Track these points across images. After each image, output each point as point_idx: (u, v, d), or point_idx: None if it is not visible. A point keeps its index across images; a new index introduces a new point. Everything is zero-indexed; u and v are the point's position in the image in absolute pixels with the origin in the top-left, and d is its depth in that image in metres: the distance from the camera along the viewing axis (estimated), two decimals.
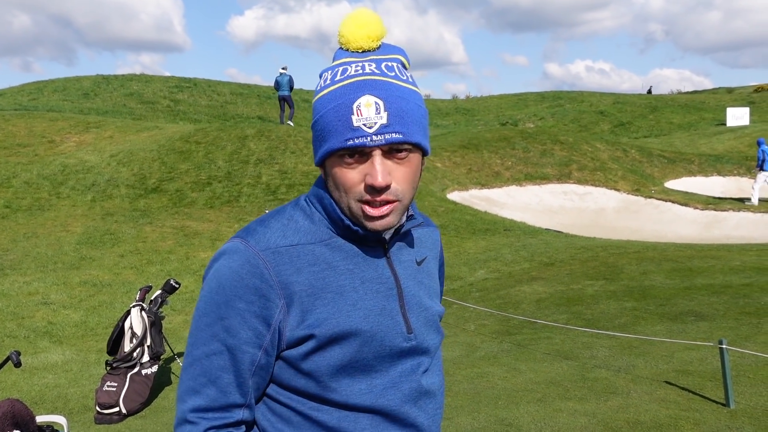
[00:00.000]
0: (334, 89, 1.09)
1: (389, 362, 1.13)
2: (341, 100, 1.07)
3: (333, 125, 1.07)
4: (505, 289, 8.71)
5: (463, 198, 16.68)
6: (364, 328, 1.10)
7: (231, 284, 1.08)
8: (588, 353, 5.76)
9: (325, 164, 1.12)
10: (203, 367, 1.09)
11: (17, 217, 13.28)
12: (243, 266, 1.07)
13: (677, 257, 9.29)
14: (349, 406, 1.10)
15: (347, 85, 1.08)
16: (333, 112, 1.07)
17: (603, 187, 18.08)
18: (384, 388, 1.12)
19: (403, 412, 1.14)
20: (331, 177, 1.11)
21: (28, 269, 10.29)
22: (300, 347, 1.09)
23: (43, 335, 7.91)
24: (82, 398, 5.96)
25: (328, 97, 1.09)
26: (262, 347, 1.08)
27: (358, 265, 1.14)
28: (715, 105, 33.40)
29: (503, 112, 37.10)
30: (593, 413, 4.31)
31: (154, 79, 35.67)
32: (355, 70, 1.09)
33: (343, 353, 1.09)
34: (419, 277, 1.22)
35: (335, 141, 1.07)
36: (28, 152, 17.75)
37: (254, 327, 1.07)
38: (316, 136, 1.12)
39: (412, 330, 1.16)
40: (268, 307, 1.07)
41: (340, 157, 1.08)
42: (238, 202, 14.52)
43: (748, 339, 5.61)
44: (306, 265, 1.10)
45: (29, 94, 30.21)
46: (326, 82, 1.11)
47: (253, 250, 1.09)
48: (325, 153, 1.09)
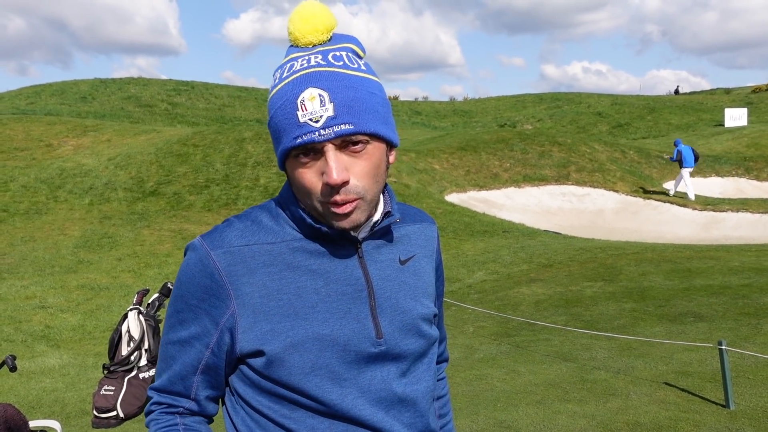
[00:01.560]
0: (280, 87, 1.04)
1: (357, 368, 1.07)
2: (286, 97, 1.02)
3: (282, 125, 1.02)
4: (503, 291, 8.70)
5: (462, 200, 16.67)
6: (324, 331, 1.05)
7: (186, 280, 1.09)
8: (587, 355, 5.74)
9: (286, 166, 1.07)
10: (163, 353, 1.14)
11: (15, 220, 13.25)
12: (196, 264, 1.08)
13: (676, 258, 9.28)
14: (323, 413, 1.06)
15: (292, 81, 1.02)
16: (281, 111, 1.02)
17: (601, 189, 18.08)
18: (354, 396, 1.06)
19: (376, 421, 1.07)
20: (292, 179, 1.06)
21: (26, 273, 10.26)
22: (255, 359, 1.06)
23: (41, 339, 7.88)
24: (80, 402, 5.93)
25: (276, 96, 1.05)
26: (209, 346, 1.08)
27: (324, 266, 1.08)
28: (713, 106, 33.46)
29: (501, 114, 37.14)
30: (593, 415, 4.29)
31: (151, 82, 35.66)
32: (301, 65, 1.03)
33: (302, 360, 1.04)
34: (401, 278, 1.15)
35: (286, 140, 1.02)
36: (25, 156, 17.73)
37: (203, 324, 1.07)
38: (272, 138, 1.08)
39: (382, 335, 1.08)
40: (217, 306, 1.06)
41: (296, 157, 1.03)
42: (236, 204, 14.50)
43: (748, 340, 5.59)
44: (260, 265, 1.06)
45: (27, 97, 30.20)
46: (275, 81, 1.06)
47: (205, 250, 1.07)
48: (281, 155, 1.04)
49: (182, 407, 1.14)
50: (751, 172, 19.80)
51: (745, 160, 20.52)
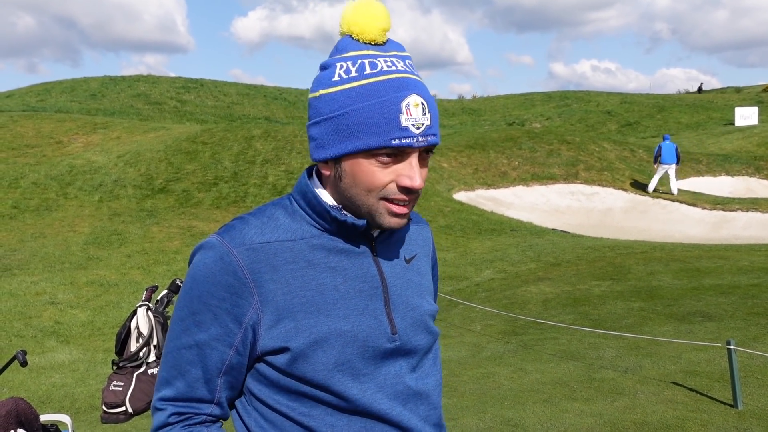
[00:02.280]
0: (369, 83, 1.03)
1: (374, 364, 1.09)
2: (386, 97, 1.02)
3: (375, 122, 1.02)
4: (511, 290, 8.69)
5: (470, 198, 16.65)
6: (345, 328, 1.07)
7: (204, 280, 1.05)
8: (595, 354, 5.73)
9: (341, 160, 1.06)
10: (175, 359, 1.08)
11: (25, 217, 13.34)
12: (216, 262, 1.05)
13: (685, 257, 9.24)
14: (343, 408, 1.07)
15: (388, 81, 1.03)
16: (376, 108, 1.02)
17: (610, 187, 18.01)
18: (373, 391, 1.08)
19: (394, 414, 1.10)
20: (352, 174, 1.06)
21: (36, 269, 10.33)
22: (279, 356, 1.06)
23: (50, 335, 7.94)
24: (89, 397, 5.98)
25: (362, 91, 1.03)
26: (233, 346, 1.06)
27: (342, 263, 1.10)
28: (723, 104, 33.24)
29: (510, 112, 37.05)
30: (600, 414, 4.29)
31: (161, 80, 35.80)
32: (387, 66, 1.05)
33: (326, 356, 1.05)
34: (408, 276, 1.18)
35: (376, 139, 1.02)
36: (35, 153, 17.85)
37: (225, 324, 1.05)
38: (337, 129, 1.04)
39: (396, 330, 1.12)
40: (240, 305, 1.04)
41: (374, 155, 1.03)
42: (245, 202, 14.54)
43: (757, 340, 5.57)
44: (283, 262, 1.06)
45: (37, 95, 30.39)
46: (349, 75, 1.05)
47: (226, 247, 1.06)
48: (359, 149, 1.03)
49: (205, 414, 1.09)
50: (762, 172, 19.66)
51: (756, 159, 20.38)
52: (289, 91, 38.88)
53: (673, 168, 17.19)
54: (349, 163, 1.05)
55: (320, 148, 1.08)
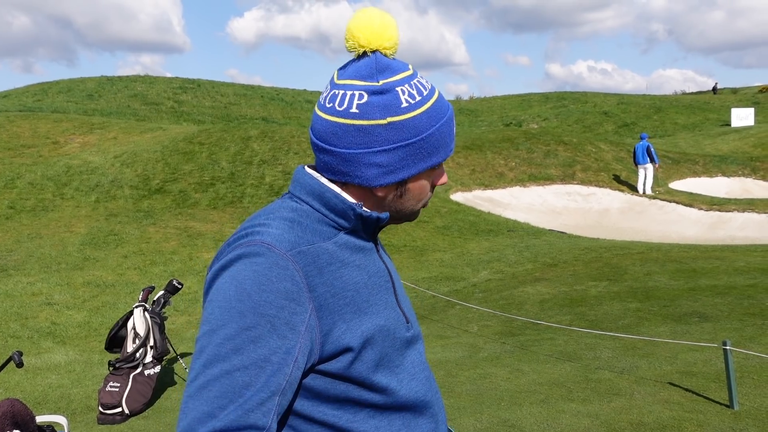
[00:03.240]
0: (432, 106, 1.11)
1: (402, 354, 1.13)
2: (447, 115, 1.12)
3: (445, 139, 1.12)
4: (508, 290, 8.70)
5: (467, 199, 16.66)
6: (381, 323, 1.09)
7: (257, 289, 0.97)
8: (591, 354, 5.74)
9: (408, 181, 1.13)
10: (223, 387, 0.93)
11: (21, 217, 13.31)
12: (271, 269, 0.98)
13: (681, 258, 9.26)
14: (387, 405, 1.09)
15: (440, 100, 1.12)
16: (446, 126, 1.12)
17: (607, 188, 18.04)
18: (408, 380, 1.13)
19: (428, 401, 1.15)
20: (416, 190, 1.14)
21: (32, 270, 10.31)
22: (337, 360, 1.03)
23: (47, 336, 7.92)
24: (85, 398, 5.96)
25: (432, 115, 1.10)
26: (294, 358, 0.97)
27: (362, 261, 1.12)
28: (719, 105, 33.32)
29: (507, 113, 37.08)
30: (596, 414, 4.29)
31: (157, 80, 35.76)
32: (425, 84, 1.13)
33: (374, 353, 1.07)
34: (394, 269, 1.25)
35: (444, 152, 1.13)
36: (32, 153, 17.81)
37: (284, 335, 0.97)
38: (417, 152, 1.09)
39: (408, 319, 1.18)
40: (298, 312, 0.98)
41: (434, 168, 1.14)
42: (242, 202, 14.53)
43: (753, 340, 5.58)
44: (325, 264, 1.04)
45: (34, 95, 30.32)
46: (414, 99, 1.09)
47: (279, 251, 1.00)
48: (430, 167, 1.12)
49: None
50: (758, 172, 19.70)
51: (752, 160, 20.43)
52: (287, 91, 38.86)
53: (650, 168, 17.34)
54: (414, 181, 1.13)
55: (390, 173, 1.09)
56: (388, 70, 1.08)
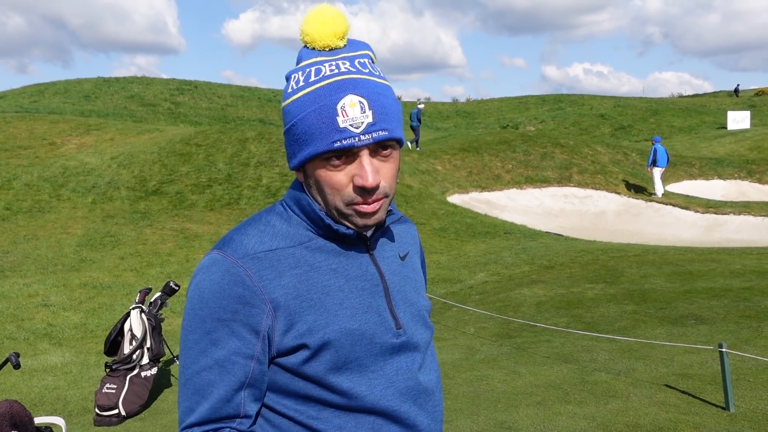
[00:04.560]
0: (311, 91, 1.06)
1: (382, 360, 1.11)
2: (323, 102, 1.04)
3: (316, 127, 1.04)
4: (505, 292, 8.71)
5: (464, 201, 16.68)
6: (353, 326, 1.08)
7: (213, 296, 1.04)
8: (588, 356, 5.75)
9: (305, 168, 1.10)
10: (195, 385, 1.06)
11: (17, 219, 13.28)
12: (224, 277, 1.05)
13: (678, 260, 9.29)
14: (352, 408, 1.08)
15: (327, 85, 1.05)
16: (315, 114, 1.04)
17: (603, 191, 18.08)
18: (382, 387, 1.10)
19: (403, 411, 1.11)
20: (315, 180, 1.09)
21: (29, 271, 10.29)
22: (293, 356, 1.07)
23: (43, 337, 7.90)
24: (82, 400, 5.95)
25: (306, 100, 1.06)
26: (253, 357, 1.05)
27: (342, 264, 1.12)
28: (716, 108, 33.43)
29: (504, 115, 37.13)
30: (593, 416, 4.30)
31: (154, 81, 35.71)
32: (330, 70, 1.06)
33: (337, 355, 1.07)
34: (404, 272, 1.21)
35: (320, 144, 1.04)
36: (28, 154, 17.77)
37: (242, 336, 1.04)
38: (293, 140, 1.08)
39: (401, 326, 1.14)
40: (253, 314, 1.04)
41: (326, 159, 1.06)
42: (239, 204, 14.52)
43: (749, 342, 5.60)
44: (287, 268, 1.07)
45: (30, 96, 30.26)
46: (299, 84, 1.08)
47: (231, 259, 1.06)
48: (309, 156, 1.06)
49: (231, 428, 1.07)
50: (754, 175, 19.78)
51: (748, 162, 20.50)
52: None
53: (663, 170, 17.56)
54: (311, 170, 1.09)
55: (289, 158, 1.12)
56: (301, 59, 1.11)
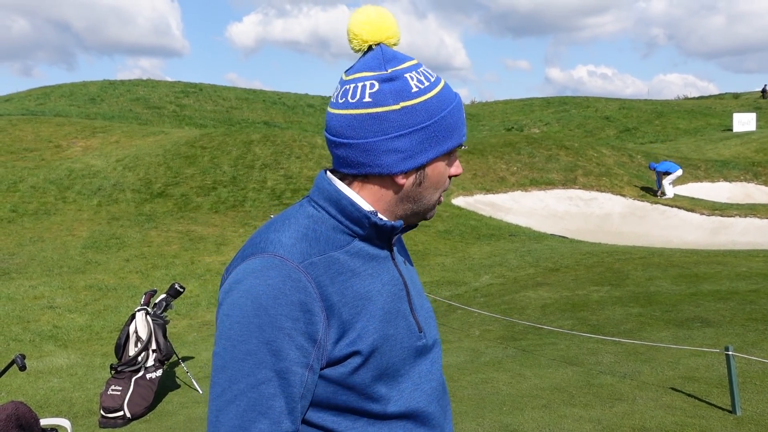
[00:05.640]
0: (441, 91, 1.12)
1: (410, 364, 1.12)
2: (455, 101, 1.13)
3: (456, 123, 1.13)
4: (510, 295, 8.69)
5: (468, 203, 16.67)
6: (390, 332, 1.09)
7: (273, 303, 0.99)
8: (593, 359, 5.73)
9: (426, 166, 1.12)
10: (250, 400, 0.98)
11: (23, 221, 13.33)
12: (285, 282, 1.00)
13: (683, 263, 9.25)
14: (387, 415, 1.08)
15: (447, 87, 1.14)
16: (456, 111, 1.13)
17: (608, 193, 18.04)
18: (411, 390, 1.12)
19: (430, 413, 1.14)
20: (434, 176, 1.14)
21: (34, 273, 10.32)
22: (344, 364, 1.04)
23: (49, 339, 7.93)
24: (87, 402, 5.97)
25: (442, 99, 1.11)
26: (309, 366, 1.02)
27: (376, 269, 1.11)
28: (721, 110, 33.34)
29: (508, 118, 37.11)
30: (598, 419, 4.29)
31: (159, 84, 35.83)
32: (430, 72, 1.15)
33: (381, 361, 1.07)
34: (413, 276, 1.24)
35: (457, 138, 1.13)
36: (34, 157, 17.84)
37: (301, 345, 1.00)
38: (432, 136, 1.10)
39: (422, 329, 1.16)
40: (313, 322, 1.01)
41: (449, 154, 1.14)
42: (243, 206, 14.54)
43: (755, 345, 5.57)
44: (336, 274, 1.05)
45: (36, 99, 30.39)
46: (423, 84, 1.11)
47: (291, 264, 1.02)
48: (446, 151, 1.12)
49: None
50: (760, 178, 19.71)
51: (754, 165, 20.43)
52: (288, 95, 38.93)
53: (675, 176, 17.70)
54: (432, 167, 1.13)
55: (408, 158, 1.09)
56: (395, 59, 1.12)
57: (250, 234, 13.51)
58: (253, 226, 13.13)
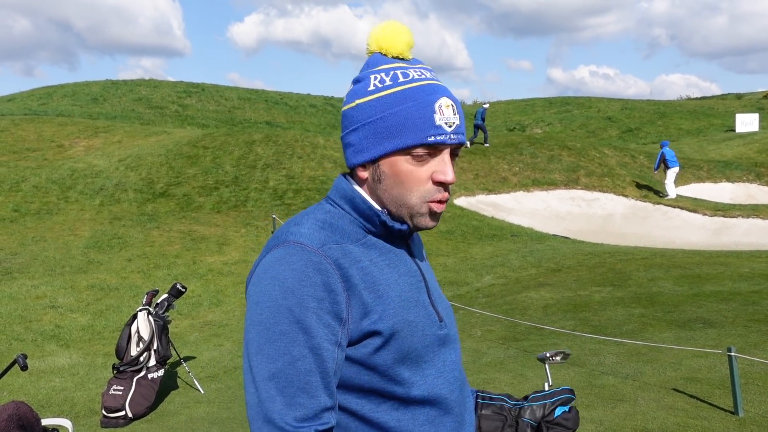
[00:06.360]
0: (405, 89, 1.13)
1: (433, 351, 1.16)
2: (422, 99, 1.12)
3: (412, 121, 1.11)
4: (512, 295, 8.68)
5: (470, 203, 16.66)
6: (410, 318, 1.13)
7: (298, 284, 1.06)
8: (595, 360, 5.72)
9: (379, 163, 1.14)
10: (288, 377, 1.03)
11: (26, 220, 13.35)
12: (307, 265, 1.06)
13: (686, 264, 9.24)
14: (410, 399, 1.12)
15: (423, 86, 1.13)
16: (414, 109, 1.11)
17: (611, 193, 18.01)
18: (434, 377, 1.15)
19: (452, 400, 1.18)
20: (393, 174, 1.14)
21: (36, 273, 10.33)
22: (365, 344, 1.10)
23: (51, 339, 7.93)
24: (89, 402, 5.97)
25: (398, 96, 1.12)
26: (338, 343, 1.08)
27: (393, 261, 1.17)
28: (724, 111, 33.27)
29: (511, 118, 37.07)
30: (600, 420, 4.28)
31: (162, 84, 35.86)
32: (418, 75, 1.15)
33: (402, 344, 1.11)
34: (430, 272, 1.29)
35: (414, 137, 1.10)
36: (37, 156, 17.87)
37: (328, 323, 1.06)
38: (373, 132, 1.13)
39: (442, 318, 1.20)
40: (337, 301, 1.07)
41: (411, 154, 1.12)
42: (245, 206, 14.55)
43: (757, 346, 5.56)
44: (354, 262, 1.11)
45: (39, 98, 30.42)
46: (384, 84, 1.14)
47: (311, 249, 1.08)
48: (397, 148, 1.11)
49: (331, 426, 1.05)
50: (762, 178, 19.66)
51: (756, 165, 20.39)
52: (291, 95, 38.94)
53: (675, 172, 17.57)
54: (388, 164, 1.14)
55: (358, 152, 1.16)
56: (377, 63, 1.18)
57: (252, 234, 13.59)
58: (255, 226, 13.14)
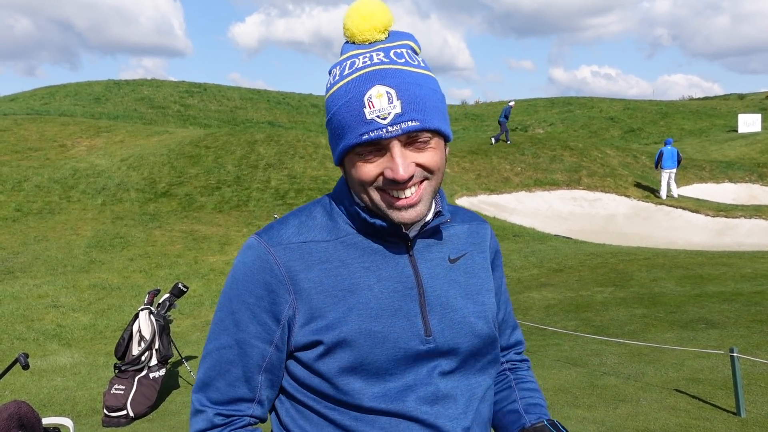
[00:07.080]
0: (343, 84, 1.04)
1: (404, 365, 1.07)
2: (352, 94, 1.02)
3: (347, 121, 1.03)
4: (514, 295, 8.68)
5: (472, 204, 16.65)
6: (375, 328, 1.05)
7: (242, 279, 1.09)
8: (597, 360, 5.71)
9: (344, 162, 1.09)
10: (213, 360, 1.10)
11: (28, 220, 13.37)
12: (254, 262, 1.08)
13: (688, 264, 9.22)
14: (364, 408, 1.06)
15: (356, 78, 1.03)
16: (345, 108, 1.03)
17: (613, 194, 18.00)
18: (398, 391, 1.06)
19: (421, 412, 1.07)
20: (350, 174, 1.08)
21: (38, 272, 10.34)
22: (309, 351, 1.07)
23: (52, 338, 7.94)
24: (90, 401, 5.97)
25: (339, 93, 1.05)
26: (272, 343, 1.08)
27: (375, 263, 1.09)
28: (726, 111, 33.22)
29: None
30: (602, 421, 4.27)
31: (164, 84, 35.89)
32: (363, 62, 1.04)
33: (354, 355, 1.04)
34: (451, 276, 1.15)
35: (350, 137, 1.03)
36: (39, 156, 17.89)
37: (263, 322, 1.07)
38: (331, 134, 1.09)
39: (431, 332, 1.08)
40: (277, 302, 1.06)
41: (358, 153, 1.04)
42: (247, 206, 14.55)
43: (760, 347, 5.55)
44: (317, 262, 1.08)
45: (41, 98, 30.47)
46: (335, 78, 1.07)
47: (264, 247, 1.09)
48: (342, 151, 1.05)
49: (247, 415, 1.11)
50: (765, 179, 19.63)
51: (759, 166, 20.36)
52: (292, 95, 38.96)
53: (674, 172, 17.39)
54: (347, 163, 1.08)
55: (332, 153, 1.12)
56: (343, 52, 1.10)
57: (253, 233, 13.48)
58: (257, 226, 13.14)
